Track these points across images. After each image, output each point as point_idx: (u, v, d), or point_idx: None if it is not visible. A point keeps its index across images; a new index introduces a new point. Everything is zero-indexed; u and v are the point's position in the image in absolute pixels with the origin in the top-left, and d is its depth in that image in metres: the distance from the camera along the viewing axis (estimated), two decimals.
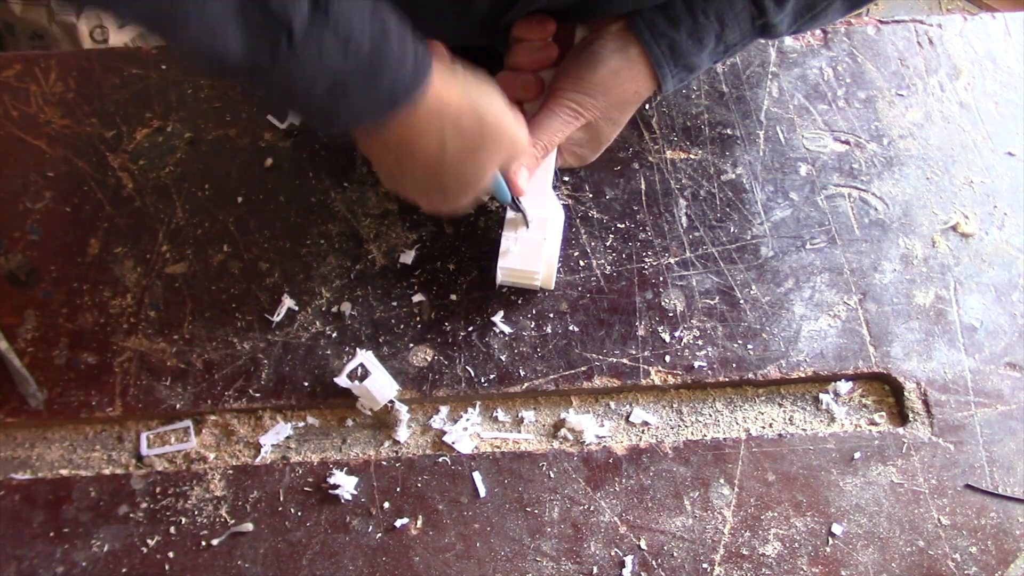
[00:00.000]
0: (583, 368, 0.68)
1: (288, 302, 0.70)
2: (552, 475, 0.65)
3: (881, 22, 0.83)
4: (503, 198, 0.64)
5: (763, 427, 0.67)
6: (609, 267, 0.71)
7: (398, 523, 0.63)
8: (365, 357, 0.66)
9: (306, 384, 0.68)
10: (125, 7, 0.42)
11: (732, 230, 0.73)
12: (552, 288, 0.69)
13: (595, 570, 0.62)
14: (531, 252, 0.65)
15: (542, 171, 0.68)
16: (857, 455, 0.65)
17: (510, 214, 0.67)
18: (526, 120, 0.67)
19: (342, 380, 0.66)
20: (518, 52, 0.67)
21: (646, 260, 0.72)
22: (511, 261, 0.66)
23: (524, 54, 0.67)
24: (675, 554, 0.62)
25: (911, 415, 0.66)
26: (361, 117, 0.52)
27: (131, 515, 0.64)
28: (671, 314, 0.70)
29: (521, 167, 0.64)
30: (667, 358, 0.68)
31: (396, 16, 0.50)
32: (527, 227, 0.66)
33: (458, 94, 0.54)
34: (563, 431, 0.67)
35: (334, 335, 0.69)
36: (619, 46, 0.63)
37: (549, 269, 0.67)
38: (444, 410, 0.68)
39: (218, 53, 0.44)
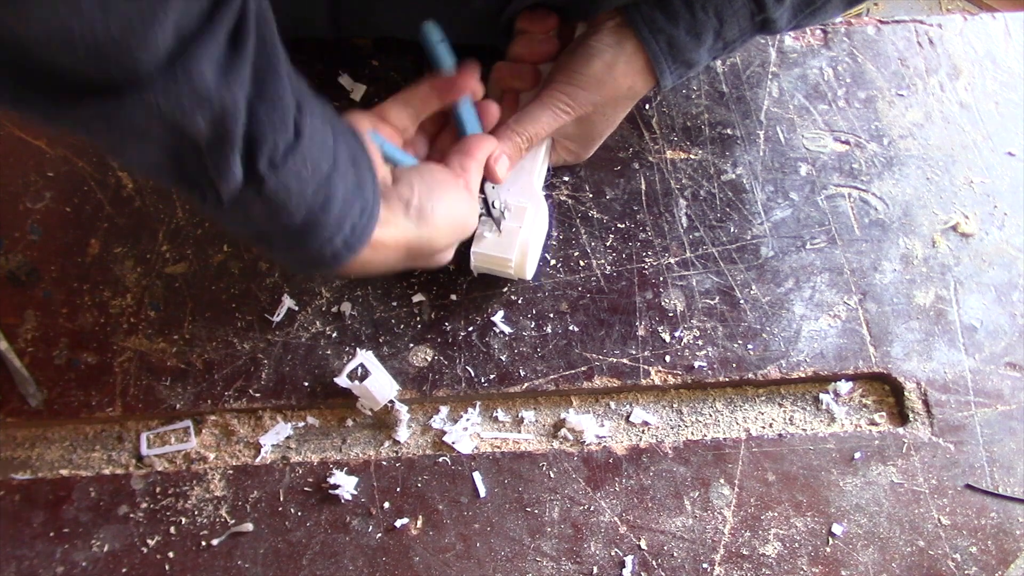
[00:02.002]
0: (583, 368, 0.68)
1: (288, 302, 0.70)
2: (552, 475, 0.65)
3: (881, 22, 0.83)
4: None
5: (763, 427, 0.67)
6: (609, 267, 0.71)
7: (398, 523, 0.63)
8: (365, 357, 0.66)
9: (306, 384, 0.68)
10: (61, 129, 0.42)
11: (732, 230, 0.73)
12: (528, 278, 0.69)
13: (595, 570, 0.62)
14: (506, 239, 0.65)
15: (528, 161, 0.68)
16: (857, 455, 0.65)
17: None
18: (519, 110, 0.67)
19: (342, 380, 0.66)
20: (519, 43, 0.67)
21: (646, 260, 0.72)
22: (485, 247, 0.66)
23: (525, 46, 0.67)
24: (675, 554, 0.62)
25: (911, 415, 0.66)
26: (287, 265, 0.53)
27: (131, 515, 0.64)
28: (671, 314, 0.70)
29: (501, 156, 0.64)
30: (667, 358, 0.68)
31: (352, 175, 0.50)
32: (499, 231, 0.65)
33: (405, 234, 0.54)
34: (563, 431, 0.67)
35: (334, 335, 0.69)
36: (614, 40, 0.63)
37: (524, 258, 0.66)
38: (444, 410, 0.68)
39: (153, 179, 0.45)
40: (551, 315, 0.70)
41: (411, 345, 0.69)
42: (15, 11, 0.33)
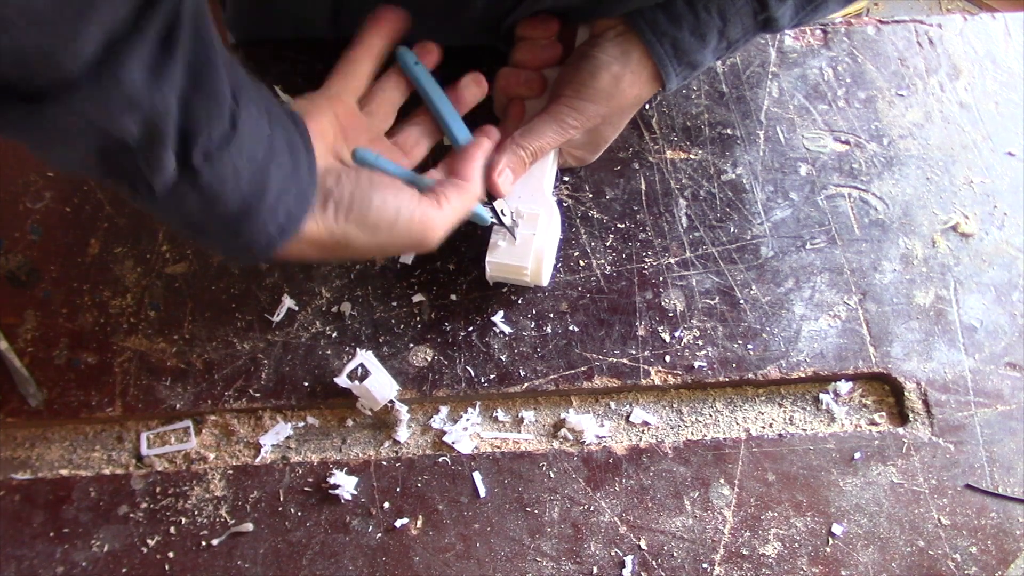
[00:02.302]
0: (583, 368, 0.68)
1: (288, 302, 0.70)
2: (552, 475, 0.65)
3: (881, 22, 0.83)
4: (482, 223, 0.64)
5: (763, 427, 0.67)
6: (609, 267, 0.71)
7: (398, 523, 0.63)
8: (365, 357, 0.66)
9: (306, 384, 0.68)
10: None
11: (732, 230, 0.73)
12: (544, 284, 0.69)
13: (595, 570, 0.62)
14: (520, 247, 0.65)
15: (538, 169, 0.68)
16: (857, 455, 0.65)
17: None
18: (527, 119, 0.67)
19: (342, 380, 0.66)
20: (522, 49, 0.67)
21: (646, 260, 0.72)
22: (499, 256, 0.65)
23: (528, 51, 0.67)
24: (675, 554, 0.62)
25: (911, 415, 0.66)
26: (223, 253, 0.52)
27: (131, 515, 0.64)
28: (671, 314, 0.70)
29: (504, 169, 0.63)
30: (667, 358, 0.68)
31: (288, 161, 0.49)
32: (515, 239, 0.65)
33: (319, 230, 0.53)
34: (563, 431, 0.67)
35: (334, 335, 0.69)
36: (620, 51, 0.63)
37: (539, 265, 0.66)
38: (444, 410, 0.68)
39: (81, 175, 0.44)
40: (551, 315, 0.70)
41: (411, 345, 0.69)
42: None
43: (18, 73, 0.35)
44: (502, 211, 0.64)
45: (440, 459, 0.65)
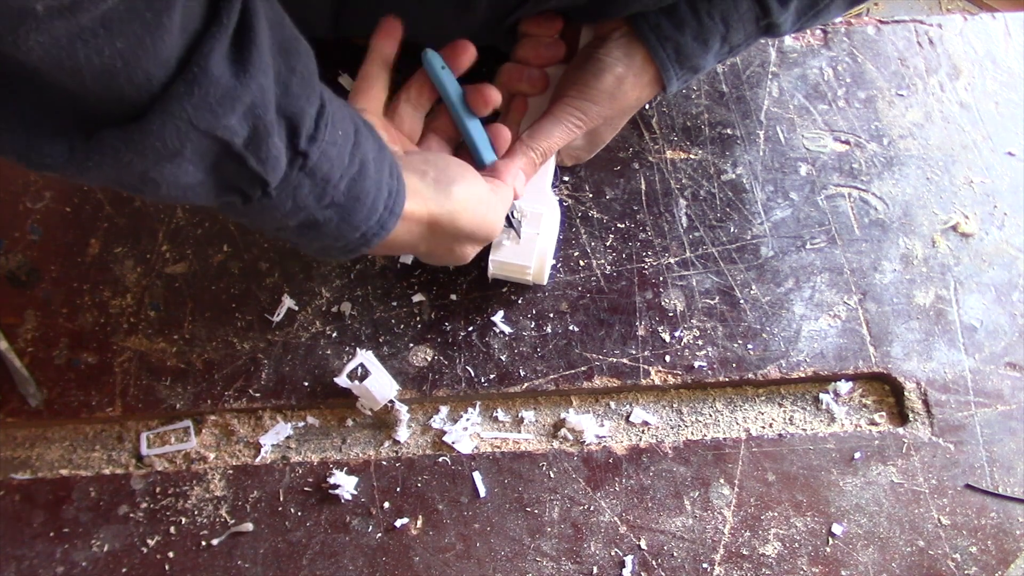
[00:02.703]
0: (583, 368, 0.68)
1: (288, 302, 0.70)
2: (552, 475, 0.65)
3: (881, 22, 0.83)
4: None
5: (763, 427, 0.67)
6: (609, 267, 0.71)
7: (398, 523, 0.63)
8: (365, 357, 0.66)
9: (306, 384, 0.68)
10: (92, 178, 0.39)
11: (732, 230, 0.73)
12: (544, 283, 0.69)
13: (595, 570, 0.62)
14: (524, 246, 0.65)
15: (540, 168, 0.68)
16: (857, 455, 0.65)
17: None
18: (530, 116, 0.67)
19: (342, 380, 0.66)
20: (526, 47, 0.67)
21: (646, 260, 0.72)
22: (503, 255, 0.66)
23: (532, 49, 0.67)
24: (675, 554, 0.62)
25: (911, 415, 0.66)
26: (333, 252, 0.52)
27: (131, 515, 0.64)
28: (671, 314, 0.70)
29: (518, 172, 0.64)
30: (667, 358, 0.68)
31: (373, 141, 0.49)
32: (519, 239, 0.66)
33: (430, 208, 0.54)
34: (563, 431, 0.67)
35: (334, 335, 0.69)
36: (623, 53, 0.63)
37: (541, 264, 0.66)
38: (444, 410, 0.68)
39: (190, 200, 0.42)
40: (551, 315, 0.70)
41: (411, 345, 0.69)
42: (12, 41, 0.30)
43: (106, 88, 0.34)
44: (511, 212, 0.64)
45: (440, 459, 0.65)
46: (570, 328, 0.69)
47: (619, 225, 0.73)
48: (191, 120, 0.36)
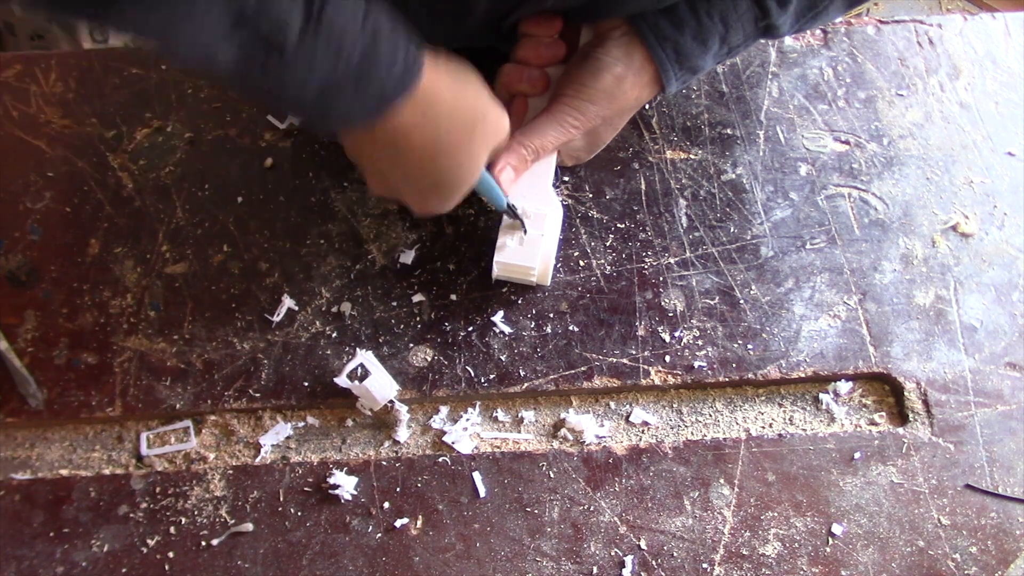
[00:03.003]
0: (583, 368, 0.68)
1: (288, 302, 0.70)
2: (552, 475, 0.65)
3: (881, 22, 0.83)
4: (499, 205, 0.64)
5: (763, 427, 0.67)
6: (609, 267, 0.71)
7: (398, 523, 0.63)
8: (365, 357, 0.66)
9: (306, 384, 0.68)
10: (115, 20, 0.42)
11: (732, 230, 0.73)
12: (548, 284, 0.69)
13: (595, 570, 0.62)
14: (528, 247, 0.65)
15: (543, 168, 0.68)
16: (857, 455, 0.65)
17: (506, 219, 0.67)
18: (530, 117, 0.67)
19: (342, 380, 0.66)
20: (526, 47, 0.67)
21: (646, 260, 0.72)
22: (507, 256, 0.66)
23: (531, 49, 0.67)
24: (675, 554, 0.62)
25: (911, 415, 0.66)
26: (351, 119, 0.52)
27: (131, 515, 0.64)
28: (671, 314, 0.70)
29: (506, 167, 0.64)
30: (667, 358, 0.68)
31: (387, 15, 0.50)
32: (524, 233, 0.66)
33: (447, 85, 0.54)
34: (563, 431, 0.67)
35: (334, 335, 0.69)
36: (622, 53, 0.63)
37: (545, 265, 0.67)
38: (444, 410, 0.68)
39: (208, 64, 0.44)
40: (551, 315, 0.70)
41: (411, 345, 0.69)
42: None
43: None
44: (511, 205, 0.64)
45: (440, 459, 0.65)
46: (570, 328, 0.69)
47: (619, 225, 0.73)
48: None
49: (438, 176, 0.58)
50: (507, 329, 0.69)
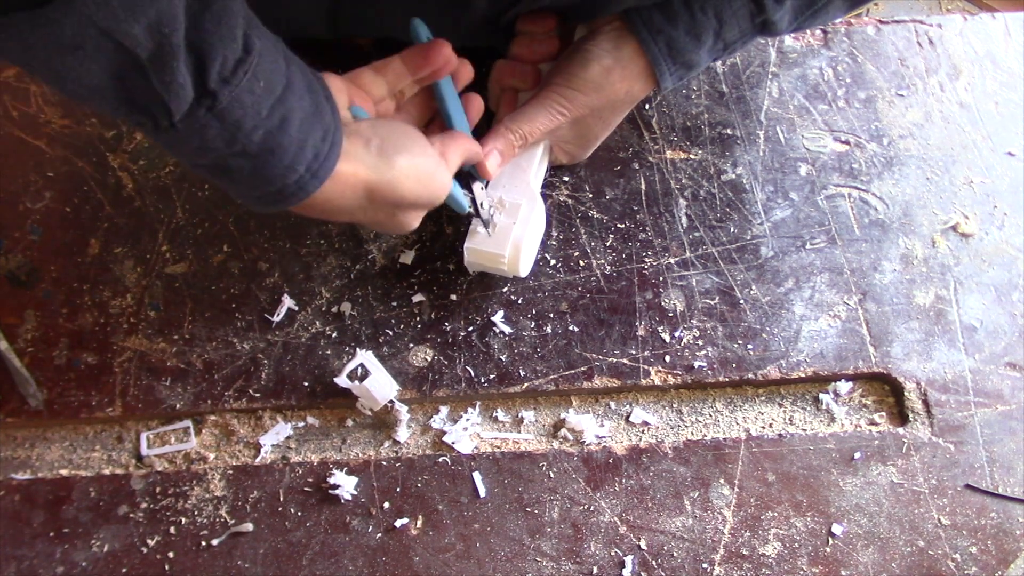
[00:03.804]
0: (583, 368, 0.68)
1: (288, 302, 0.70)
2: (552, 475, 0.65)
3: (881, 22, 0.83)
4: (459, 209, 0.64)
5: (763, 427, 0.67)
6: (609, 267, 0.71)
7: (398, 523, 0.63)
8: (365, 357, 0.66)
9: (306, 384, 0.68)
10: (3, 55, 0.40)
11: (732, 230, 0.73)
12: (523, 276, 0.69)
13: (595, 570, 0.62)
14: (499, 235, 0.65)
15: (524, 160, 0.68)
16: (857, 455, 0.65)
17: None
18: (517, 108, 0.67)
19: (342, 380, 0.66)
20: (520, 43, 0.68)
21: (646, 260, 0.72)
22: (477, 242, 0.65)
23: (525, 45, 0.67)
24: (675, 554, 0.62)
25: (911, 415, 0.66)
26: (251, 201, 0.51)
27: (131, 515, 0.64)
28: (671, 314, 0.70)
29: (493, 151, 0.64)
30: (667, 358, 0.68)
31: (309, 101, 0.49)
32: (489, 232, 0.65)
33: (366, 171, 0.53)
34: (563, 431, 0.67)
35: (334, 335, 0.69)
36: (613, 45, 0.63)
37: (517, 254, 0.66)
38: (444, 410, 0.68)
39: (101, 109, 0.43)
40: (551, 315, 0.70)
41: (411, 345, 0.69)
42: None
43: None
44: (481, 203, 0.64)
45: (440, 459, 0.65)
46: (570, 328, 0.69)
47: (619, 225, 0.73)
48: (92, 17, 0.37)
49: (375, 227, 0.59)
50: (507, 329, 0.69)
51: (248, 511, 0.64)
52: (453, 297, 0.70)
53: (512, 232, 0.65)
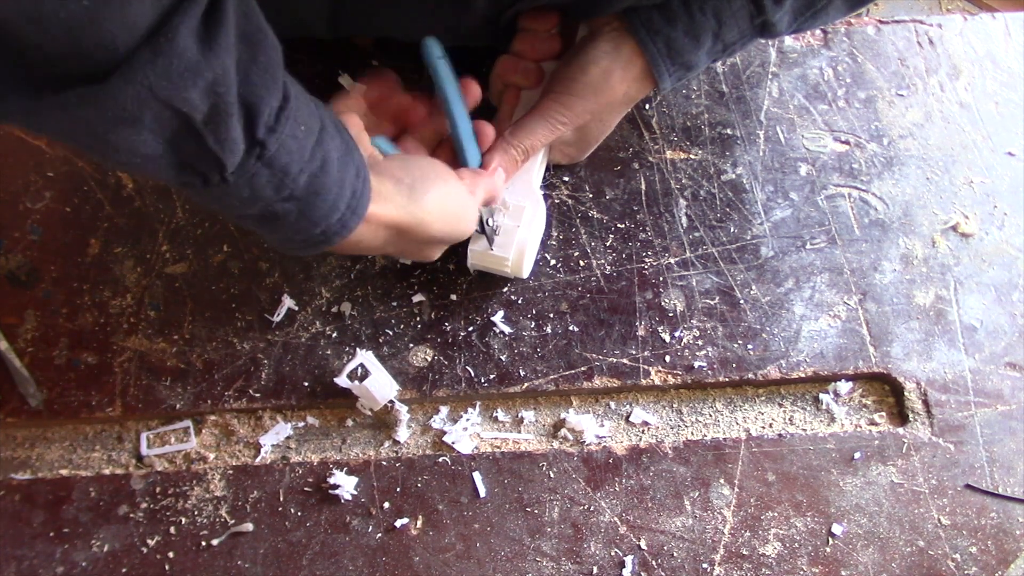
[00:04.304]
0: (583, 368, 0.68)
1: (288, 302, 0.70)
2: (552, 475, 0.65)
3: (881, 22, 0.83)
4: None
5: (763, 427, 0.67)
6: (609, 267, 0.71)
7: (398, 523, 0.63)
8: (365, 357, 0.66)
9: (306, 384, 0.68)
10: (46, 130, 0.40)
11: (732, 230, 0.73)
12: (525, 277, 0.69)
13: (595, 570, 0.62)
14: (503, 238, 0.65)
15: (527, 163, 0.68)
16: (857, 455, 0.65)
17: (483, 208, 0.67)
18: (521, 110, 0.68)
19: (342, 380, 0.66)
20: (522, 41, 0.67)
21: (646, 260, 0.72)
22: (482, 245, 0.66)
23: (528, 43, 0.67)
24: (675, 554, 0.62)
25: (911, 415, 0.66)
26: (294, 247, 0.52)
27: (131, 515, 0.64)
28: (671, 314, 0.70)
29: (497, 168, 0.65)
30: (667, 358, 0.68)
31: (340, 141, 0.50)
32: (491, 247, 0.65)
33: (397, 211, 0.54)
34: (563, 431, 0.67)
35: (334, 335, 0.69)
36: (611, 47, 0.63)
37: (520, 256, 0.66)
38: (444, 410, 0.68)
39: (148, 175, 0.43)
40: (551, 315, 0.70)
41: (411, 345, 0.69)
42: None
43: (71, 45, 0.35)
44: (486, 220, 0.64)
45: (440, 459, 0.65)
46: (570, 328, 0.69)
47: (619, 225, 0.73)
48: (152, 88, 0.37)
49: (405, 258, 0.60)
50: (507, 329, 0.69)
51: (248, 511, 0.64)
52: (453, 297, 0.70)
53: (516, 235, 0.65)
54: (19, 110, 0.37)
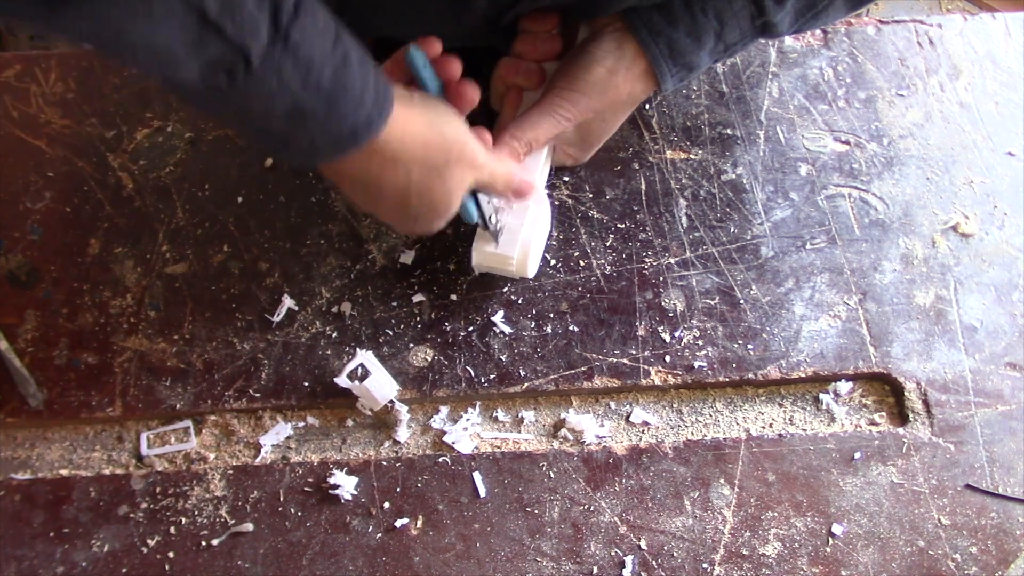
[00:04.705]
0: (583, 368, 0.68)
1: (288, 302, 0.70)
2: (552, 475, 0.65)
3: (881, 22, 0.83)
4: (469, 219, 0.64)
5: (763, 427, 0.67)
6: (609, 267, 0.71)
7: (398, 523, 0.63)
8: (365, 357, 0.66)
9: (306, 384, 0.68)
10: (65, 23, 0.39)
11: (732, 230, 0.73)
12: (529, 276, 0.69)
13: (595, 570, 0.62)
14: (508, 237, 0.65)
15: (531, 161, 0.68)
16: (857, 455, 0.65)
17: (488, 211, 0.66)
18: (522, 108, 0.67)
19: (342, 380, 0.66)
20: (523, 41, 0.67)
21: (646, 260, 0.72)
22: (486, 244, 0.66)
23: (529, 44, 0.67)
24: (675, 554, 0.62)
25: (911, 415, 0.66)
26: (321, 149, 0.51)
27: (131, 515, 0.64)
28: (671, 314, 0.70)
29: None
30: (667, 358, 0.68)
31: (357, 47, 0.49)
32: (496, 244, 0.65)
33: (420, 122, 0.53)
34: (563, 431, 0.67)
35: (334, 335, 0.69)
36: (614, 47, 0.63)
37: (525, 256, 0.66)
38: (444, 410, 0.68)
39: (169, 74, 0.42)
40: (551, 315, 0.70)
41: (411, 345, 0.69)
42: None
43: None
44: (489, 216, 0.64)
45: (440, 459, 0.65)
46: (570, 328, 0.69)
47: (619, 225, 0.73)
48: None
49: (412, 210, 0.57)
50: (507, 329, 0.69)
51: (248, 511, 0.64)
52: (453, 297, 0.70)
53: (521, 234, 0.65)
54: (38, 8, 0.37)
